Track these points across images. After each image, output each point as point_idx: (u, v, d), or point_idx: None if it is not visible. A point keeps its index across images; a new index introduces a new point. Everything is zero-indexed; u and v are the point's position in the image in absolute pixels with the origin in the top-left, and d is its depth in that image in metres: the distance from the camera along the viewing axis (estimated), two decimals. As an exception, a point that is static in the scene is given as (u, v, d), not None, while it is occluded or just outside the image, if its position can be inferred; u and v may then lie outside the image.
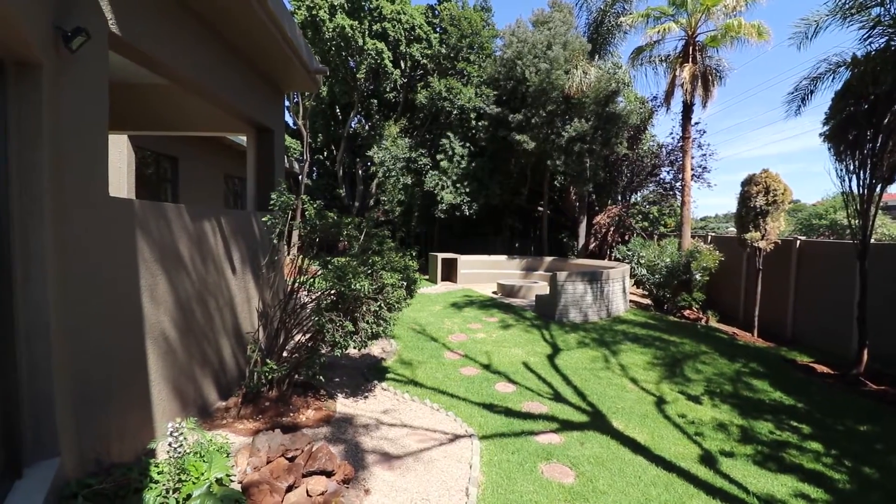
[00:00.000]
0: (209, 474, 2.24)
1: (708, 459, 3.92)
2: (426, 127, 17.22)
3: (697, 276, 10.11)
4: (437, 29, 18.00)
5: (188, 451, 2.31)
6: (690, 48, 11.45)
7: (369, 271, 4.09)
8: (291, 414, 4.06)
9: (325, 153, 22.13)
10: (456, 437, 3.92)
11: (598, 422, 4.52)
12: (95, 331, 2.70)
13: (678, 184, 15.29)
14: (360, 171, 20.25)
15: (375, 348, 6.22)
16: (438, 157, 14.67)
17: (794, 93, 8.01)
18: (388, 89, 18.13)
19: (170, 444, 2.18)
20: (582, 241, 15.65)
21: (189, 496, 2.09)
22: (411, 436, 3.91)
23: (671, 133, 23.31)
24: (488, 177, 14.55)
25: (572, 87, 12.61)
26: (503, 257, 13.92)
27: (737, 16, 10.65)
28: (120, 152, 8.46)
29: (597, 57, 14.70)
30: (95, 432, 2.69)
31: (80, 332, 2.56)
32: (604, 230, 16.10)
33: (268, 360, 4.09)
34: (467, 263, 13.10)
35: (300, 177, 17.51)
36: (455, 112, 14.80)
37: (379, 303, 4.00)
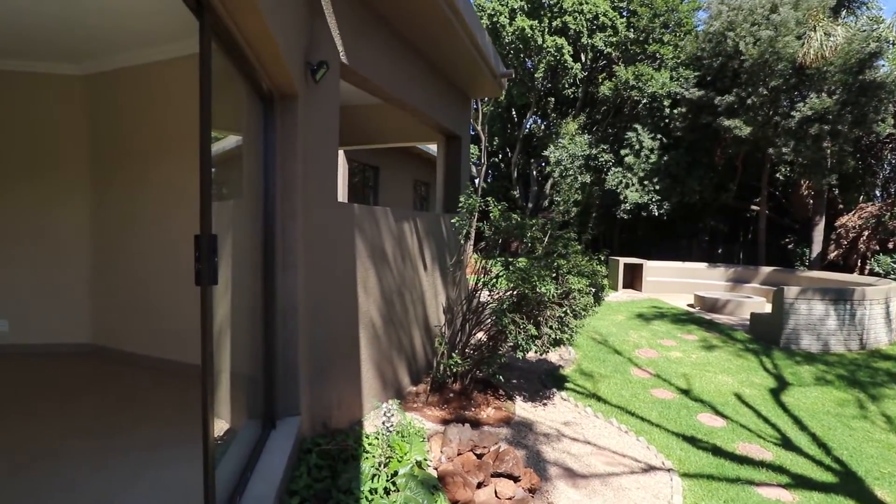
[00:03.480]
0: (411, 455, 2.42)
1: None
2: (608, 121, 16.09)
3: None
4: (624, 13, 16.61)
5: (394, 430, 2.55)
6: None
7: (554, 275, 3.93)
8: (473, 409, 4.18)
9: (500, 156, 22.74)
10: (650, 468, 3.45)
11: (850, 485, 3.43)
12: (325, 314, 3.21)
13: None
14: (534, 172, 20.19)
15: (552, 354, 6.01)
16: (623, 152, 13.51)
17: None
18: (566, 85, 17.56)
19: (383, 423, 2.44)
20: (817, 248, 12.37)
21: (395, 473, 2.30)
22: (596, 455, 3.60)
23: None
24: (685, 171, 12.75)
25: (808, 55, 10.07)
26: (702, 265, 11.99)
27: None
28: (338, 164, 10.18)
29: (843, 13, 11.45)
30: (322, 399, 3.21)
31: (315, 314, 3.08)
32: (852, 235, 12.41)
33: (453, 354, 4.31)
34: (655, 270, 11.72)
35: (477, 180, 18.38)
36: (644, 101, 13.39)
37: (564, 308, 3.80)
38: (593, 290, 4.05)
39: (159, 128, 4.22)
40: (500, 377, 4.32)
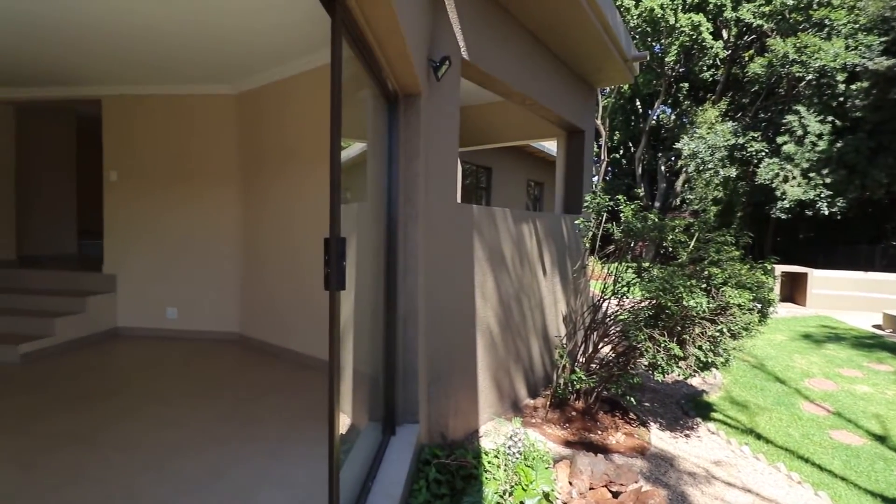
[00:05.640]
0: (537, 484, 2.17)
1: None
2: (758, 104, 13.80)
3: None
4: (781, -23, 14.11)
5: (521, 455, 2.32)
6: None
7: (705, 285, 3.32)
8: (599, 432, 3.75)
9: (621, 151, 21.06)
10: (842, 539, 2.69)
11: None
12: (443, 318, 3.10)
13: None
14: (662, 168, 18.24)
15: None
16: (779, 139, 11.42)
17: None
18: (703, 68, 15.54)
19: (508, 447, 2.23)
20: None
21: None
22: (761, 509, 2.93)
23: None
24: (866, 160, 10.32)
25: None
26: (891, 276, 9.57)
27: None
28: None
29: None
30: (440, 407, 3.10)
31: (433, 319, 2.98)
32: None
33: (576, 369, 3.92)
34: (823, 281, 9.66)
35: (595, 178, 17.22)
36: (809, 77, 11.14)
37: (720, 327, 3.18)
38: (758, 305, 3.33)
39: (294, 137, 4.58)
40: (632, 399, 3.81)
